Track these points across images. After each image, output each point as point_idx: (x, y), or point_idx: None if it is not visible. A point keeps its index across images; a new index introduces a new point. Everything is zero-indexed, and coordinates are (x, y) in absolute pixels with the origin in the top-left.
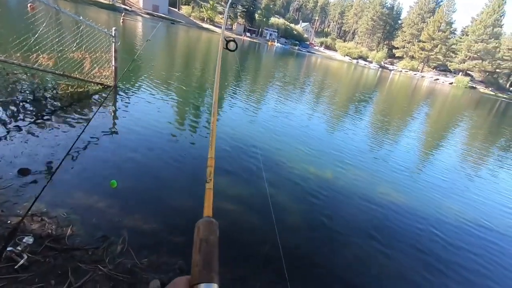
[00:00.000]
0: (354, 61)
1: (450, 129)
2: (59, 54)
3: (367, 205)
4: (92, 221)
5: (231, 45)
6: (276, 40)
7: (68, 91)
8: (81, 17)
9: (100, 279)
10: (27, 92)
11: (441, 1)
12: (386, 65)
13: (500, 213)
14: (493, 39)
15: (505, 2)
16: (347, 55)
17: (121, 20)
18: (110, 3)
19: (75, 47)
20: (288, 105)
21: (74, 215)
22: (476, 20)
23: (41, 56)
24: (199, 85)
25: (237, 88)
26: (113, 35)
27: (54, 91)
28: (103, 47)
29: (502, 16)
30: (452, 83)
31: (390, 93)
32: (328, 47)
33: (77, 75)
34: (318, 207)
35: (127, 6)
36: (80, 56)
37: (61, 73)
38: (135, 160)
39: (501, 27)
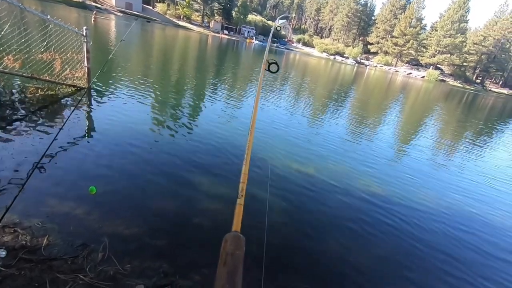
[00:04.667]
0: (332, 57)
1: (424, 122)
2: (26, 55)
3: (348, 197)
4: (70, 230)
5: (273, 67)
6: (254, 38)
7: (38, 94)
8: (48, 16)
9: None
10: None
11: None
12: (362, 60)
13: (472, 197)
14: (459, 34)
15: None
16: (325, 51)
17: (93, 19)
18: (80, 1)
19: (43, 47)
20: (269, 101)
21: (50, 224)
22: (444, 16)
23: (5, 57)
24: (178, 85)
25: (216, 86)
26: (84, 34)
27: (22, 95)
28: (74, 48)
29: (467, 12)
30: (423, 76)
31: (366, 88)
32: (305, 44)
33: (47, 77)
34: (301, 202)
35: (99, 4)
36: (49, 57)
37: (29, 75)
38: (114, 164)
39: (466, 23)
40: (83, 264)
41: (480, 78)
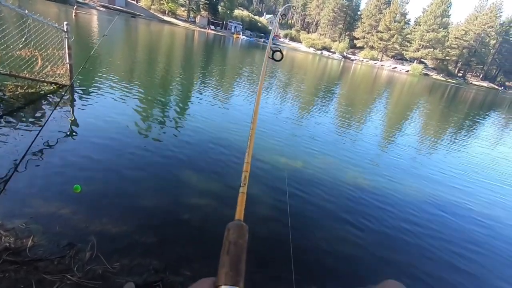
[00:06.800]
0: (319, 52)
1: (409, 116)
2: (4, 52)
3: (336, 191)
4: (56, 230)
5: (277, 55)
6: (241, 33)
7: (18, 92)
8: (26, 11)
9: None
10: None
11: None
12: (348, 55)
13: (457, 188)
14: (442, 28)
15: None
16: (312, 46)
17: (73, 14)
18: None
19: (22, 44)
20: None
21: (34, 224)
22: (427, 11)
23: None
24: (164, 81)
25: (204, 82)
26: (65, 30)
27: (1, 93)
28: (54, 44)
29: (449, 7)
30: (408, 71)
31: (353, 83)
32: (292, 39)
33: (27, 75)
34: (287, 194)
35: None
36: (28, 53)
37: (7, 72)
38: (99, 162)
39: (448, 17)
40: (71, 264)
41: (461, 72)
